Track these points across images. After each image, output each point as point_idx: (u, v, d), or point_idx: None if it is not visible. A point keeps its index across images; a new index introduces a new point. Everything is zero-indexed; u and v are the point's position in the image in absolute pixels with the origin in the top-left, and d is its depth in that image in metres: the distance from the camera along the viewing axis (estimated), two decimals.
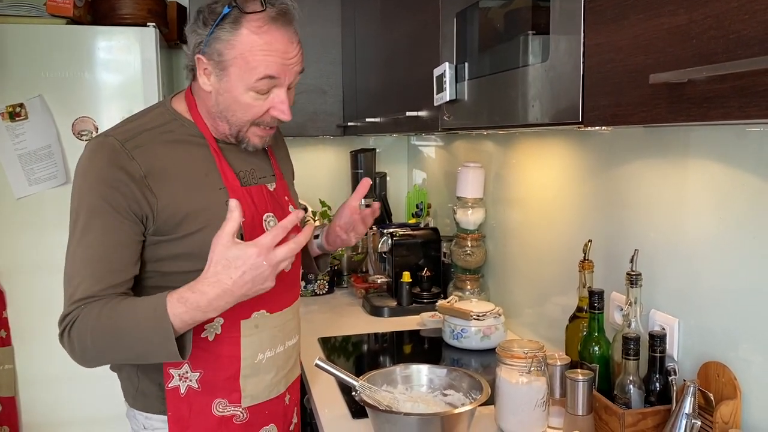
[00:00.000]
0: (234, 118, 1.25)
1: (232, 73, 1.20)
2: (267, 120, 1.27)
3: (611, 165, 1.49)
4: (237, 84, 1.21)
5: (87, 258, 1.16)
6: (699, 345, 1.23)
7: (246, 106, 1.23)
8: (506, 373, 1.30)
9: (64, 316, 1.15)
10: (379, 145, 3.17)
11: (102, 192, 1.16)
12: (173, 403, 1.26)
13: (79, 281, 1.15)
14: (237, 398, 1.29)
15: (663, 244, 1.31)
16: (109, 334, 1.12)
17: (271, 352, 1.33)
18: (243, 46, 1.18)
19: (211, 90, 1.24)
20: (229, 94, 1.22)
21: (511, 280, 2.04)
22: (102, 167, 1.18)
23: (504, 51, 1.15)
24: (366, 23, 2.37)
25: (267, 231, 1.15)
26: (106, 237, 1.16)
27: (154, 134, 1.24)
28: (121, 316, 1.12)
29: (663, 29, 0.72)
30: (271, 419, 1.36)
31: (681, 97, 0.69)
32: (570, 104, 0.92)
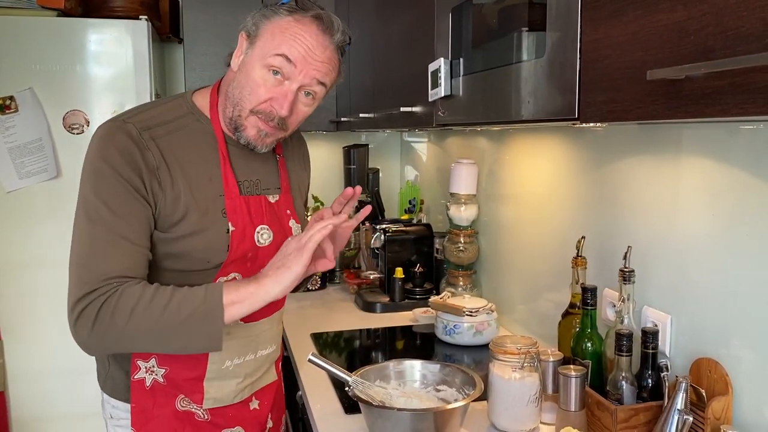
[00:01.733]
0: (237, 96, 1.23)
1: (257, 46, 1.21)
2: (265, 110, 1.23)
3: (604, 162, 1.49)
4: (257, 56, 1.21)
5: (112, 238, 1.13)
6: (691, 341, 1.23)
7: (254, 85, 1.21)
8: (499, 368, 1.30)
9: (85, 293, 1.10)
10: (372, 140, 3.17)
11: (122, 171, 1.15)
12: (137, 395, 1.25)
13: (104, 260, 1.12)
14: (199, 399, 1.29)
15: (656, 241, 1.32)
16: (152, 315, 1.10)
17: (239, 359, 1.31)
18: (278, 22, 1.21)
19: (236, 68, 1.25)
20: (246, 69, 1.22)
21: (503, 276, 2.04)
22: (123, 150, 1.16)
23: (499, 47, 1.15)
24: (360, 18, 2.37)
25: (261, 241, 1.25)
26: (129, 217, 1.15)
27: (170, 128, 1.23)
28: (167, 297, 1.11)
29: (661, 25, 0.72)
30: (237, 422, 1.34)
31: (678, 94, 0.69)
32: (566, 100, 0.92)
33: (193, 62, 2.64)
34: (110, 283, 1.11)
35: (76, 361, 2.33)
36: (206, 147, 1.26)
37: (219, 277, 1.25)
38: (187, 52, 2.63)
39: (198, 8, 2.61)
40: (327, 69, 1.25)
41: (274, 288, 1.14)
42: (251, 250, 1.28)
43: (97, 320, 1.10)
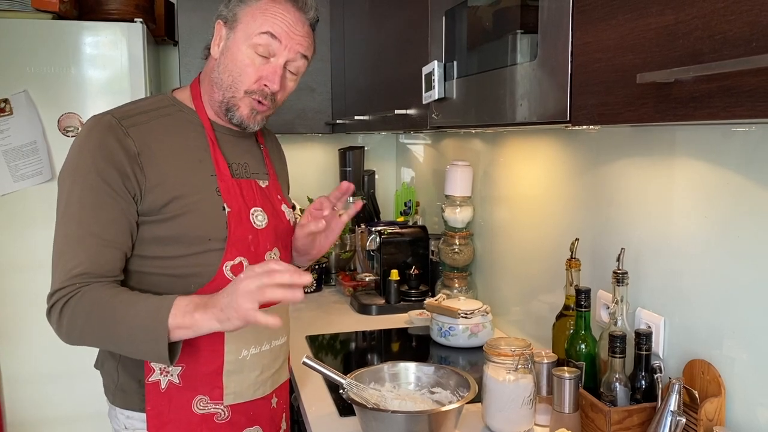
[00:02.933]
0: (226, 80, 1.27)
1: (238, 29, 1.26)
2: (259, 89, 1.27)
3: (598, 164, 1.50)
4: (240, 39, 1.25)
5: (81, 234, 1.15)
6: (684, 343, 1.24)
7: (242, 66, 1.25)
8: (493, 370, 1.30)
9: (55, 290, 1.14)
10: (368, 142, 3.17)
11: (98, 167, 1.16)
12: (153, 398, 1.24)
13: (72, 257, 1.14)
14: (219, 395, 1.26)
15: (649, 243, 1.32)
16: (104, 322, 1.12)
17: (256, 349, 1.30)
18: (256, 5, 1.26)
19: (218, 56, 1.28)
20: (232, 52, 1.26)
21: (498, 278, 2.05)
22: (98, 143, 1.18)
23: (492, 49, 1.16)
24: (355, 21, 2.37)
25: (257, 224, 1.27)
26: (100, 213, 1.16)
27: (151, 116, 1.26)
28: (120, 307, 1.12)
29: (650, 29, 0.72)
30: (256, 421, 1.33)
31: (668, 97, 0.70)
32: (558, 103, 0.92)
33: (188, 64, 2.64)
34: (74, 282, 1.13)
35: (71, 364, 2.34)
36: (192, 133, 1.29)
37: (225, 262, 1.24)
38: (182, 55, 2.63)
39: (193, 10, 2.61)
40: (308, 43, 1.31)
41: (213, 325, 1.09)
42: (251, 233, 1.29)
43: (61, 318, 1.13)
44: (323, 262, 2.60)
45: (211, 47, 1.30)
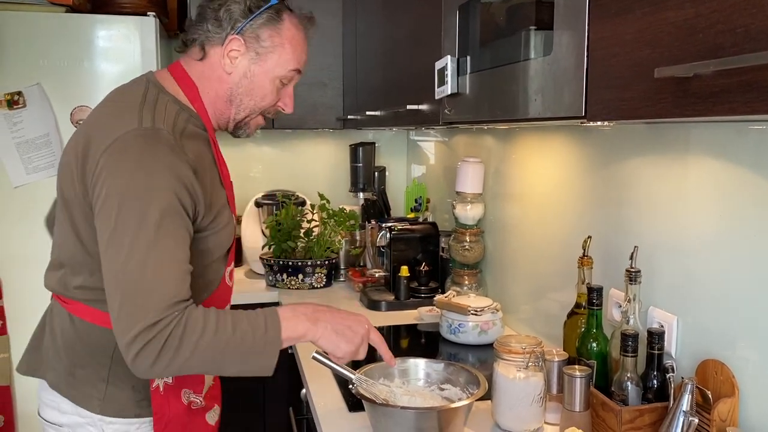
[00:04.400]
0: (247, 103, 1.30)
1: (270, 59, 1.28)
2: (272, 110, 1.34)
3: (611, 161, 1.48)
4: (273, 69, 1.29)
5: (166, 261, 1.08)
6: (697, 343, 1.23)
7: (266, 92, 1.30)
8: (503, 368, 1.29)
9: (151, 324, 1.04)
10: (379, 138, 3.16)
11: (174, 189, 1.11)
12: (156, 402, 1.25)
13: (160, 286, 1.07)
14: (200, 388, 1.32)
15: (662, 241, 1.31)
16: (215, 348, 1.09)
17: None
18: (289, 35, 1.29)
19: (233, 72, 1.27)
20: (258, 78, 1.28)
21: (509, 275, 2.04)
22: (170, 162, 1.12)
23: (506, 44, 1.15)
24: (367, 16, 2.36)
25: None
26: (178, 239, 1.11)
27: (180, 126, 1.21)
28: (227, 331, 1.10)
29: (669, 23, 0.71)
30: (216, 401, 1.43)
31: (686, 92, 0.69)
32: (573, 98, 0.91)
33: None
34: (172, 312, 1.06)
35: None
36: (202, 141, 1.27)
37: (226, 269, 1.34)
38: None
39: None
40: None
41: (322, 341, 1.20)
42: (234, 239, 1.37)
43: (162, 353, 1.05)
44: (333, 258, 2.60)
45: (221, 57, 1.26)
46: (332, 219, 2.61)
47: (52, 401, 1.29)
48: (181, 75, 1.29)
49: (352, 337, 1.22)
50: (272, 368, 1.13)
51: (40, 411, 1.33)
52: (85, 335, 1.25)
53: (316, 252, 2.56)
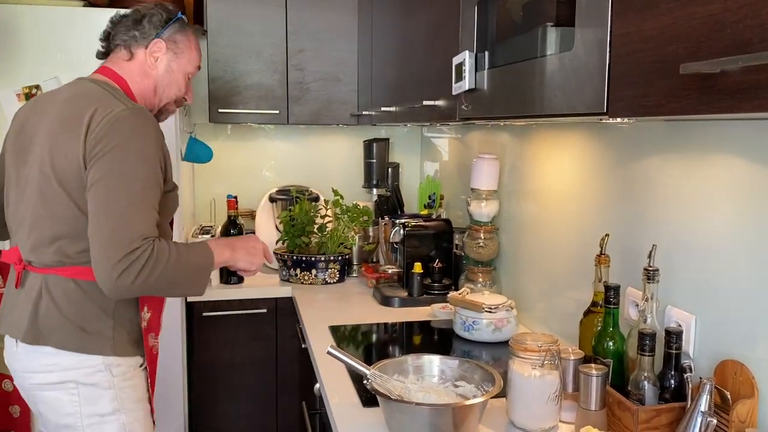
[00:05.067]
0: (168, 93, 1.64)
1: (183, 58, 1.63)
2: (181, 100, 1.69)
3: (629, 159, 1.47)
4: (185, 66, 1.64)
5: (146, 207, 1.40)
6: (716, 343, 1.21)
7: (180, 85, 1.65)
8: (519, 366, 1.29)
9: (132, 250, 1.33)
10: (392, 135, 3.16)
11: (158, 155, 1.44)
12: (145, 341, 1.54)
13: (140, 222, 1.37)
14: (158, 332, 1.60)
15: (681, 240, 1.30)
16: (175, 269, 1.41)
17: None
18: (193, 40, 1.66)
19: (156, 68, 1.60)
20: (175, 74, 1.63)
21: (523, 273, 2.03)
22: (156, 132, 1.45)
23: (526, 40, 1.14)
24: (383, 11, 2.36)
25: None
26: (156, 192, 1.43)
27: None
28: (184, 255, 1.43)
29: (695, 18, 0.70)
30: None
31: (713, 88, 0.68)
32: (594, 95, 0.90)
33: (216, 54, 2.65)
34: (147, 242, 1.36)
35: None
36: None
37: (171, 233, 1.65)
38: (211, 44, 2.64)
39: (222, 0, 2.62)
40: None
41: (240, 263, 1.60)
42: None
43: (140, 273, 1.34)
44: (346, 254, 2.60)
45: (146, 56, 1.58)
46: (346, 215, 2.61)
47: (49, 366, 1.46)
48: (112, 75, 1.57)
49: (256, 253, 1.62)
50: (205, 289, 1.50)
51: (30, 380, 1.48)
52: (90, 292, 1.46)
53: (329, 247, 2.57)
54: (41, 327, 1.45)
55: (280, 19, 2.69)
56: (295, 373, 2.57)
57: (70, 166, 1.41)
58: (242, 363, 2.53)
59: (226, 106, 2.69)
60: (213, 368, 2.52)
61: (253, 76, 2.70)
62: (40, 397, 1.49)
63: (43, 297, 1.46)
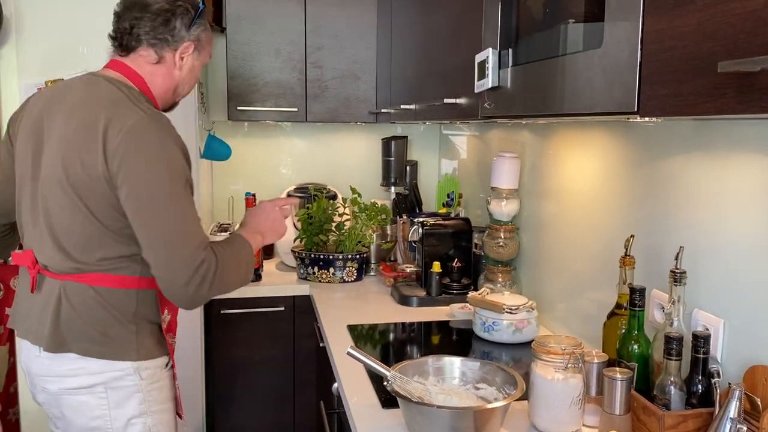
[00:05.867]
0: (186, 91, 1.62)
1: (204, 53, 1.59)
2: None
3: (654, 158, 1.44)
4: (205, 59, 1.60)
5: (195, 218, 1.41)
6: (745, 347, 1.18)
7: (196, 80, 1.63)
8: (542, 369, 1.27)
9: (202, 260, 1.35)
10: (410, 133, 3.14)
11: (183, 160, 1.41)
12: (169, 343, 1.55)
13: (198, 233, 1.40)
14: (175, 333, 1.59)
15: (708, 241, 1.27)
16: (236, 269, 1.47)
17: None
18: (210, 34, 1.60)
19: (181, 71, 1.54)
20: (195, 72, 1.59)
21: (544, 273, 2.00)
22: (176, 139, 1.41)
23: (551, 36, 1.11)
24: (403, 7, 2.34)
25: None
26: (190, 193, 1.42)
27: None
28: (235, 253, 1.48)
29: (734, 14, 0.68)
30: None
31: (752, 87, 0.65)
32: (624, 93, 0.88)
33: (235, 51, 2.65)
34: (207, 251, 1.38)
35: None
36: None
37: None
38: (230, 41, 2.64)
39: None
40: None
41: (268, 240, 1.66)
42: None
43: (213, 282, 1.37)
44: (364, 252, 2.59)
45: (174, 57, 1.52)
46: (364, 213, 2.60)
47: (75, 370, 1.43)
48: (129, 73, 1.50)
49: (275, 221, 1.65)
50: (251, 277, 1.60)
51: (60, 384, 1.45)
52: (110, 299, 1.43)
53: (347, 246, 2.56)
54: (64, 334, 1.42)
55: (299, 17, 2.68)
56: (312, 371, 2.56)
57: (88, 178, 1.36)
58: (260, 361, 2.53)
59: (244, 104, 2.68)
60: (231, 366, 2.52)
61: (272, 74, 2.69)
62: (66, 401, 1.46)
63: (63, 304, 1.42)
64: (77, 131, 1.38)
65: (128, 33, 1.48)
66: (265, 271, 2.66)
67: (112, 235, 1.40)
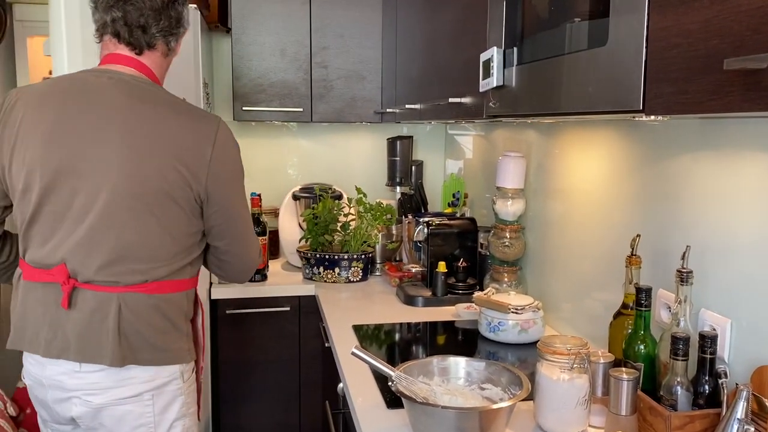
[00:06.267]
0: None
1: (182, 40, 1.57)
2: None
3: (661, 157, 1.43)
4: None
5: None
6: (752, 347, 1.17)
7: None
8: (547, 369, 1.26)
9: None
10: (416, 132, 3.14)
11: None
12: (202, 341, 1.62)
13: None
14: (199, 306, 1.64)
15: (715, 241, 1.26)
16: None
17: None
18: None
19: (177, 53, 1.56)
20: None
21: (550, 273, 1.99)
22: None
23: (556, 35, 1.11)
24: (408, 7, 2.33)
25: None
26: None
27: None
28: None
29: (740, 11, 0.67)
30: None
31: (758, 85, 0.65)
32: (630, 91, 0.87)
33: (240, 51, 2.65)
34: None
35: None
36: None
37: None
38: (235, 42, 2.64)
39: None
40: None
41: None
42: None
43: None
44: (369, 252, 2.59)
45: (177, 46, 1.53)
46: (369, 213, 2.60)
47: (122, 381, 1.40)
48: (143, 69, 1.46)
49: None
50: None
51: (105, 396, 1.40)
52: (167, 305, 1.44)
53: (352, 246, 2.56)
54: (130, 347, 1.38)
55: (304, 17, 2.68)
56: (318, 371, 2.56)
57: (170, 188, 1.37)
58: (265, 361, 2.53)
59: (250, 104, 2.68)
60: (236, 366, 2.53)
61: (277, 74, 2.69)
62: (109, 412, 1.41)
63: (124, 316, 1.38)
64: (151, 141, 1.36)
65: (143, 31, 1.42)
66: (271, 271, 2.66)
67: (177, 244, 1.43)
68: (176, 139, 1.38)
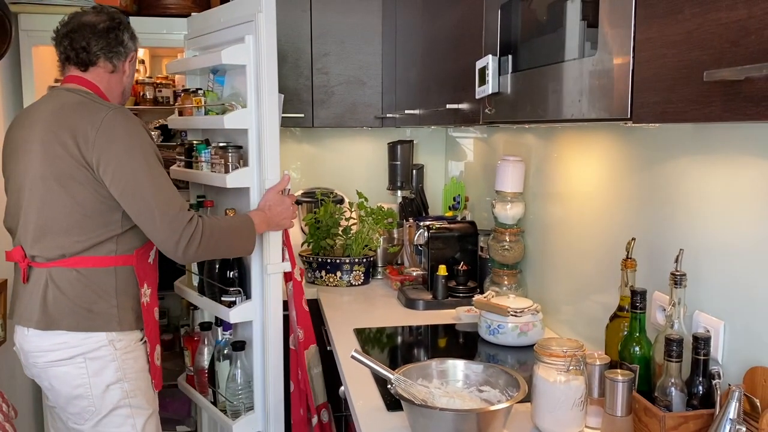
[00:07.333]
0: (128, 91, 1.90)
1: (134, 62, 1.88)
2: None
3: (656, 161, 1.45)
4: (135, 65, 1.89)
5: (170, 184, 1.69)
6: (745, 349, 1.19)
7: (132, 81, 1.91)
8: (544, 371, 1.28)
9: (189, 220, 1.64)
10: (417, 136, 3.16)
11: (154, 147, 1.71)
12: (145, 312, 1.77)
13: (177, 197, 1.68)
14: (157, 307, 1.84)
15: (709, 244, 1.28)
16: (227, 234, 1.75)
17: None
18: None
19: (129, 77, 1.85)
20: (133, 74, 1.89)
21: (549, 276, 2.01)
22: (145, 129, 1.71)
23: (549, 44, 1.13)
24: (407, 14, 2.36)
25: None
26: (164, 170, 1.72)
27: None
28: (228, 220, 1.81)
29: (720, 24, 0.69)
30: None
31: (737, 96, 0.67)
32: (618, 100, 0.89)
33: None
34: (191, 213, 1.67)
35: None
36: None
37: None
38: None
39: None
40: None
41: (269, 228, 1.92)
42: None
43: (202, 239, 1.65)
44: (371, 256, 2.61)
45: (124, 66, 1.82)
46: (370, 217, 2.62)
47: (59, 344, 1.67)
48: (88, 84, 1.76)
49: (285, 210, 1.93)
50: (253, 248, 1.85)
51: (45, 358, 1.68)
52: (93, 278, 1.68)
53: (354, 249, 2.58)
54: (52, 314, 1.66)
55: (305, 24, 2.70)
56: None
57: (69, 170, 1.61)
58: None
59: None
60: None
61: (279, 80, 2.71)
62: (52, 373, 1.68)
63: (50, 287, 1.66)
64: (57, 134, 1.63)
65: (85, 51, 1.74)
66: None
67: (90, 220, 1.65)
68: (72, 127, 1.62)
